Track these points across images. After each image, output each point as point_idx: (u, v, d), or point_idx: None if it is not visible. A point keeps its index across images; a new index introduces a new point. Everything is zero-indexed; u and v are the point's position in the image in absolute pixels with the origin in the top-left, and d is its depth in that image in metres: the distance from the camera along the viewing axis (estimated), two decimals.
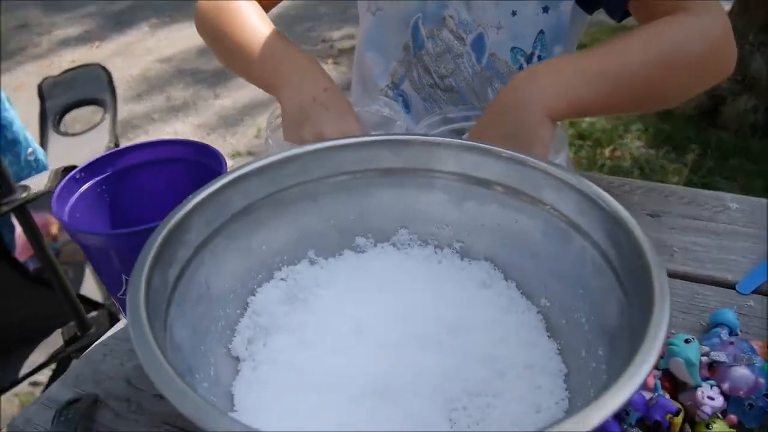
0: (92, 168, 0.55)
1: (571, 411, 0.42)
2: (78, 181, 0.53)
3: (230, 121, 2.94)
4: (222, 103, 3.10)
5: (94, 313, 1.21)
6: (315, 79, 0.65)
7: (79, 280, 1.37)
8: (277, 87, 0.67)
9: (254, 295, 0.49)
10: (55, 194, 0.50)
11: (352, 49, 3.32)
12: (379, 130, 0.72)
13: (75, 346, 1.13)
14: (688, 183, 2.21)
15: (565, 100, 0.61)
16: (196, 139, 0.57)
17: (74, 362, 0.59)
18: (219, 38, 0.77)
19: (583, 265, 0.45)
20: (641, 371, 0.32)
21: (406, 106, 0.88)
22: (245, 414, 0.41)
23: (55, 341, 1.16)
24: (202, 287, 0.43)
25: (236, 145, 2.78)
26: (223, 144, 2.79)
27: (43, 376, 1.42)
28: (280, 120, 0.71)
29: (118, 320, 1.33)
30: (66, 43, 3.96)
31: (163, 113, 3.07)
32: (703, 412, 0.46)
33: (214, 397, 0.42)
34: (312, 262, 0.52)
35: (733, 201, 0.80)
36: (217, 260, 0.45)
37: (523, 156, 0.48)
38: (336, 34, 3.68)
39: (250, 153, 2.70)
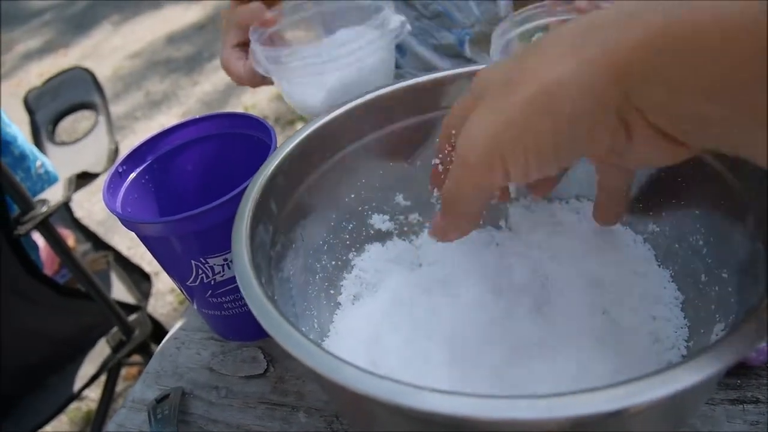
0: (132, 159, 0.52)
1: (691, 339, 0.40)
2: (121, 175, 0.51)
3: (215, 104, 2.88)
4: (202, 89, 3.03)
5: (133, 316, 1.20)
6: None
7: (108, 287, 1.35)
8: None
9: (356, 251, 0.48)
10: (105, 191, 0.48)
11: None
12: (359, 24, 0.65)
13: (123, 351, 1.12)
14: None
15: None
16: None
17: (151, 361, 0.58)
18: None
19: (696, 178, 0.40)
20: None
21: (399, 50, 0.85)
22: (334, 337, 0.42)
23: (101, 351, 1.15)
24: (298, 241, 0.43)
25: None
26: None
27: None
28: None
29: (156, 320, 1.32)
30: (30, 56, 3.85)
31: (145, 109, 3.01)
32: None
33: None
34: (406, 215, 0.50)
35: None
36: (306, 215, 0.44)
37: None
38: None
39: None
